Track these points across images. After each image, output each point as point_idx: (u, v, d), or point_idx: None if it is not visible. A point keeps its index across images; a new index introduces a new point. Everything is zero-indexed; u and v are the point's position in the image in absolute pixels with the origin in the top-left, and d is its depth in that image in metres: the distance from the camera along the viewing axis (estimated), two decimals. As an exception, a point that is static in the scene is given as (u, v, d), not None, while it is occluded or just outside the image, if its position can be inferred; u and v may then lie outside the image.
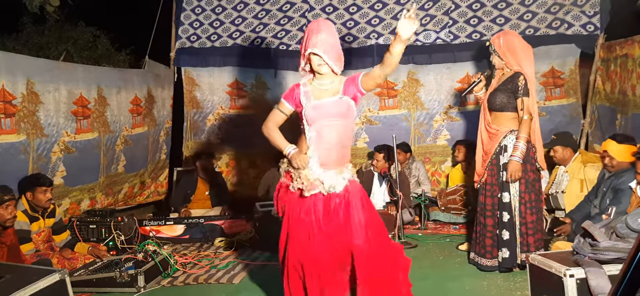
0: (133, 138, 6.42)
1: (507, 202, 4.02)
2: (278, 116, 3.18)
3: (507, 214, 4.02)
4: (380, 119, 6.79)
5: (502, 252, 4.03)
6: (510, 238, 4.02)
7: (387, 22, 6.62)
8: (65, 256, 4.35)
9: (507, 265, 4.04)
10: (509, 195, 4.01)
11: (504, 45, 4.08)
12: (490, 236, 4.12)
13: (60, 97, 5.27)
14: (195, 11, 7.12)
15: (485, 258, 4.15)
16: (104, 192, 5.99)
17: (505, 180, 3.99)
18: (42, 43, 8.39)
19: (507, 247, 4.02)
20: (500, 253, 4.05)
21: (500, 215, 4.05)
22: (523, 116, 3.93)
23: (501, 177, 4.04)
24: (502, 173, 4.04)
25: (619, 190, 4.03)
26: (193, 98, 7.20)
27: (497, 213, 4.07)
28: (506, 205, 4.02)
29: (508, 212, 4.02)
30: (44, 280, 2.80)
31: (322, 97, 3.04)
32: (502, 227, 4.04)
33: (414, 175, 6.26)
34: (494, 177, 4.10)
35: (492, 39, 4.22)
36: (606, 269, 2.48)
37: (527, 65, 4.05)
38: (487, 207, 4.13)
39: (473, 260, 4.28)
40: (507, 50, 4.06)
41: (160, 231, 5.57)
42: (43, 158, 5.05)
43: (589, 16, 6.01)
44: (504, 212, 4.03)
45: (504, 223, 4.03)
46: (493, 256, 4.11)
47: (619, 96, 5.45)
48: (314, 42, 2.98)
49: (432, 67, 6.55)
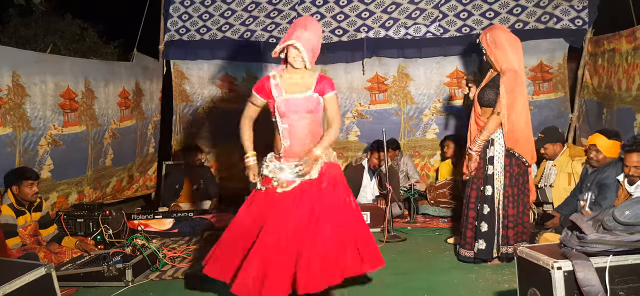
0: (121, 131, 6.37)
1: (489, 195, 4.06)
2: (251, 110, 3.39)
3: (487, 207, 4.07)
4: (371, 113, 6.78)
5: (479, 243, 4.09)
6: (488, 230, 4.07)
7: (378, 16, 6.61)
8: (52, 250, 4.31)
9: (482, 256, 4.10)
10: (492, 188, 4.06)
11: (491, 42, 4.08)
12: (471, 228, 4.18)
13: (47, 89, 5.20)
14: (184, 3, 7.06)
15: (464, 248, 4.22)
16: (92, 186, 5.94)
17: (489, 173, 4.03)
18: (28, 35, 8.28)
19: (484, 239, 4.08)
20: (476, 245, 4.11)
21: (480, 207, 4.10)
22: (497, 111, 3.98)
23: (486, 170, 4.07)
24: (487, 167, 4.06)
25: (603, 185, 4.07)
26: (182, 92, 7.15)
27: (479, 205, 4.12)
28: (488, 198, 4.07)
29: (489, 204, 4.07)
30: (29, 274, 2.75)
31: (293, 91, 3.19)
32: (481, 219, 4.09)
33: (402, 170, 6.27)
34: (480, 170, 4.13)
35: (480, 36, 4.22)
36: (593, 261, 2.49)
37: (514, 59, 4.06)
38: (471, 199, 4.19)
39: (457, 250, 4.34)
40: (495, 47, 4.07)
41: (149, 225, 5.53)
42: (30, 151, 4.99)
43: (577, 10, 6.05)
44: (484, 204, 4.08)
45: (483, 215, 4.08)
46: (471, 248, 4.17)
47: (606, 90, 5.49)
48: (297, 36, 3.12)
49: (422, 61, 6.55)
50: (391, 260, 4.40)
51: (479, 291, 3.67)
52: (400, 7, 6.57)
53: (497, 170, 4.06)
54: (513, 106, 4.00)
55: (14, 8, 8.08)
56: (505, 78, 3.97)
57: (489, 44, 4.09)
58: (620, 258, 2.51)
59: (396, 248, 4.85)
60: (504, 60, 4.03)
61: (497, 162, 4.05)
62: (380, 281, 3.82)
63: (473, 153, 4.09)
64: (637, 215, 2.56)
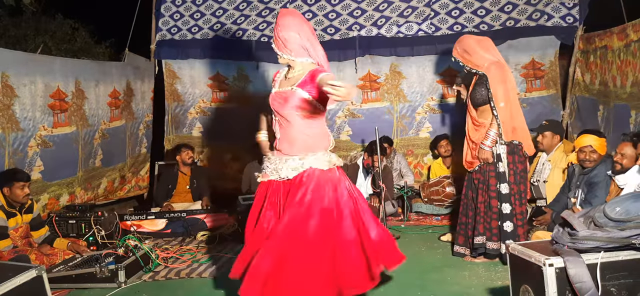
0: (110, 131, 6.33)
1: (506, 193, 4.02)
2: None
3: (508, 205, 4.02)
4: (363, 112, 6.78)
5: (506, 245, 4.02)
6: (513, 229, 4.00)
7: (370, 14, 6.61)
8: (43, 252, 4.28)
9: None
10: (507, 185, 4.03)
11: (462, 52, 4.18)
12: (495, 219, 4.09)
13: (37, 90, 5.17)
14: (176, 3, 7.03)
15: (492, 241, 4.09)
16: (83, 187, 5.91)
17: (501, 171, 4.03)
18: (18, 36, 8.21)
19: (512, 239, 3.94)
20: (503, 246, 3.99)
21: (500, 205, 4.03)
22: (499, 104, 3.99)
23: (497, 168, 4.06)
24: (498, 165, 4.05)
25: (593, 184, 4.10)
26: (174, 91, 7.13)
27: (500, 204, 4.05)
28: (506, 196, 4.02)
29: (509, 202, 4.02)
30: (20, 277, 2.74)
31: (284, 85, 3.09)
32: (504, 218, 4.02)
33: (396, 168, 6.28)
34: (485, 165, 4.11)
35: (452, 52, 4.29)
36: (585, 258, 2.50)
37: (490, 55, 4.11)
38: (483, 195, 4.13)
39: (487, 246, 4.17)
40: (468, 54, 4.14)
41: (142, 225, 5.51)
42: (19, 152, 4.96)
43: (568, 8, 6.07)
44: (505, 203, 4.02)
45: (505, 214, 4.02)
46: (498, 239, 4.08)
47: (600, 87, 5.52)
48: (274, 37, 3.06)
49: (415, 59, 6.55)
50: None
51: (472, 288, 3.68)
52: (392, 5, 6.57)
53: (505, 167, 4.05)
54: (508, 96, 4.02)
55: (4, 8, 8.00)
56: (491, 74, 4.01)
57: (461, 54, 4.19)
58: (612, 255, 2.52)
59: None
60: (482, 60, 4.10)
61: (504, 160, 4.06)
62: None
63: (486, 148, 4.05)
64: (627, 211, 2.58)
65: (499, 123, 4.00)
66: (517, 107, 4.12)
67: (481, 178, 4.15)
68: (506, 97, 4.00)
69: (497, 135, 4.02)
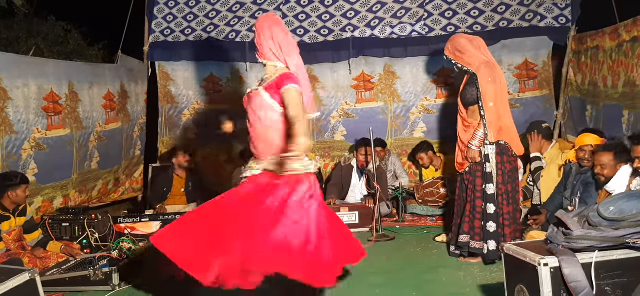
0: (107, 134, 6.31)
1: (492, 193, 4.05)
2: None
3: (492, 205, 4.05)
4: (357, 112, 6.79)
5: (489, 244, 4.05)
6: (496, 230, 4.04)
7: (363, 15, 6.61)
8: (37, 255, 4.25)
9: (492, 258, 4.06)
10: (493, 186, 4.06)
11: (454, 50, 4.22)
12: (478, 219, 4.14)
13: (30, 93, 5.14)
14: (169, 4, 7.01)
15: (474, 240, 4.14)
16: (78, 189, 5.87)
17: (488, 171, 4.05)
18: (11, 38, 8.15)
19: (494, 239, 4.04)
20: (486, 246, 4.07)
21: (485, 206, 4.07)
22: (488, 103, 4.01)
23: (485, 168, 4.08)
24: (485, 165, 4.08)
25: (589, 183, 4.10)
26: (168, 93, 7.10)
27: (484, 205, 4.09)
28: (491, 197, 4.06)
29: (494, 203, 4.06)
30: (13, 280, 2.72)
31: (256, 86, 3.10)
32: (487, 219, 4.06)
33: (390, 170, 6.28)
34: (475, 165, 4.14)
35: (444, 51, 4.33)
36: (579, 257, 2.52)
37: (482, 55, 4.14)
38: (471, 194, 4.17)
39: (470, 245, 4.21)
40: (460, 53, 4.18)
41: (136, 228, 5.46)
42: (13, 155, 4.93)
43: (561, 8, 6.10)
44: (489, 204, 4.06)
45: (489, 215, 4.06)
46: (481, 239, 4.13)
47: (590, 87, 5.55)
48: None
49: (408, 60, 6.56)
50: (379, 259, 4.41)
51: (467, 289, 3.68)
52: (386, 6, 6.58)
53: (493, 168, 4.08)
54: (497, 96, 4.04)
55: (-5, 11, 7.96)
56: (481, 73, 4.03)
57: (453, 53, 4.22)
58: (606, 254, 2.53)
59: (385, 247, 4.86)
60: (474, 59, 4.12)
61: (492, 160, 4.08)
62: (368, 280, 3.82)
63: (474, 147, 4.09)
64: (621, 211, 2.59)
65: (485, 124, 4.02)
66: (505, 107, 4.14)
67: (471, 178, 4.18)
68: (495, 97, 4.02)
69: (484, 135, 4.04)
